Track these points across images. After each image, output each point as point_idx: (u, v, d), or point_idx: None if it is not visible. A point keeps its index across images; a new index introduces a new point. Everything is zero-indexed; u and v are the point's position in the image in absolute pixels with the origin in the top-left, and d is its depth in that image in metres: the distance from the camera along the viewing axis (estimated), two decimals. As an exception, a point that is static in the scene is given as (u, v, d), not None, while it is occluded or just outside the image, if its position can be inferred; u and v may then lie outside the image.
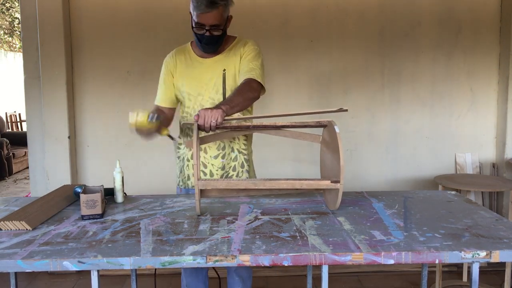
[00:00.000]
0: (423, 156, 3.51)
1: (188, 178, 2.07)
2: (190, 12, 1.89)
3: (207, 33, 1.87)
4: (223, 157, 2.02)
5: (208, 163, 2.01)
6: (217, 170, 2.01)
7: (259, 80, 1.89)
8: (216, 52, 1.98)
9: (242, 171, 2.06)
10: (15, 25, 14.18)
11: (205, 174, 2.01)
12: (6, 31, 14.52)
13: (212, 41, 1.91)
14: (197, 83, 1.98)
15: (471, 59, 3.44)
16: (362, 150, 3.48)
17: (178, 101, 2.10)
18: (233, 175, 2.04)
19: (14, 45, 14.55)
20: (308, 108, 3.40)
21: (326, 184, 1.58)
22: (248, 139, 2.10)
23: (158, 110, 2.03)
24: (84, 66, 3.34)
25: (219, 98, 1.95)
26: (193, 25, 1.89)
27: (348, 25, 3.38)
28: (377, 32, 3.40)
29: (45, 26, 3.18)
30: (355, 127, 3.44)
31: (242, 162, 2.06)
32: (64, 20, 3.21)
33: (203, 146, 1.98)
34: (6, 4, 13.95)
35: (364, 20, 3.38)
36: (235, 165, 2.04)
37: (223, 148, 2.01)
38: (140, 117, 1.75)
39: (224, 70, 1.96)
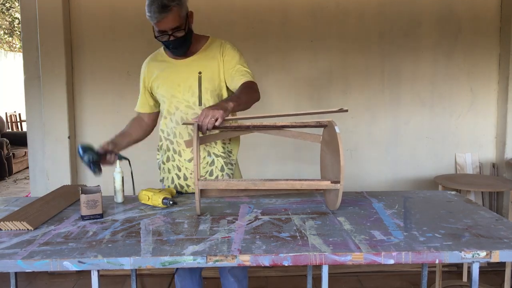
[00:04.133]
0: (423, 156, 3.51)
1: (162, 180, 2.08)
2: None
3: (171, 38, 1.82)
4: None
5: (183, 166, 1.97)
6: (191, 174, 1.97)
7: (255, 82, 1.88)
8: (188, 53, 1.93)
9: (222, 174, 1.98)
10: (15, 25, 14.18)
11: (179, 177, 1.98)
12: (6, 31, 14.52)
13: (180, 43, 1.85)
14: (171, 85, 1.94)
15: (471, 59, 3.44)
16: (362, 150, 3.48)
17: (156, 106, 2.10)
18: (210, 180, 1.98)
19: (14, 45, 14.56)
20: (308, 108, 3.40)
21: (326, 184, 1.58)
22: (232, 141, 2.03)
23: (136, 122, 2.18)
24: (84, 66, 3.34)
25: (194, 101, 1.92)
26: (155, 34, 1.84)
27: (348, 25, 3.38)
28: (377, 32, 3.40)
29: (45, 26, 3.18)
30: (355, 127, 3.44)
31: (222, 165, 1.97)
32: (64, 20, 3.21)
33: (177, 149, 1.97)
34: (6, 4, 13.95)
35: (364, 20, 3.38)
36: (212, 170, 1.97)
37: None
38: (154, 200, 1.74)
39: (200, 72, 1.92)
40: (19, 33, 13.26)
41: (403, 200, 1.81)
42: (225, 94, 1.95)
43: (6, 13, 14.29)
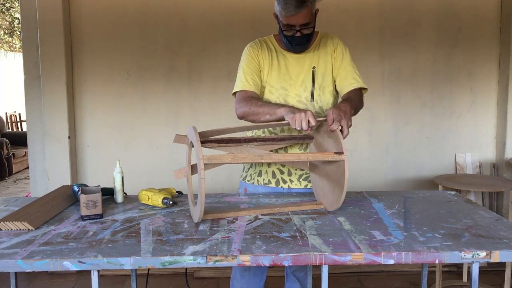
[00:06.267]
0: (423, 156, 3.51)
1: (259, 175, 1.97)
2: (275, 14, 1.83)
3: (298, 34, 1.80)
4: None
5: None
6: (296, 170, 1.93)
7: (364, 89, 1.91)
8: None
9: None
10: (15, 25, 14.19)
11: (282, 172, 1.94)
12: (6, 31, 14.53)
13: (303, 41, 1.83)
14: (282, 77, 1.90)
15: (471, 59, 3.44)
16: (362, 150, 3.48)
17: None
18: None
19: (14, 45, 14.56)
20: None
21: (331, 155, 1.58)
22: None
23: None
24: (84, 66, 3.34)
25: (306, 96, 1.89)
26: (282, 27, 1.81)
27: (348, 25, 3.38)
28: (377, 32, 3.40)
29: (45, 26, 3.18)
30: (355, 127, 3.42)
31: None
32: (64, 20, 3.21)
33: (283, 147, 1.90)
34: (6, 4, 13.96)
35: (364, 20, 3.39)
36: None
37: (305, 149, 1.92)
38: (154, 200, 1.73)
39: (314, 67, 1.90)
40: (19, 33, 13.27)
41: (403, 200, 1.81)
42: (333, 90, 1.94)
43: (6, 13, 14.30)
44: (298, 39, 1.82)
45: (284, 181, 1.94)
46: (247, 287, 2.00)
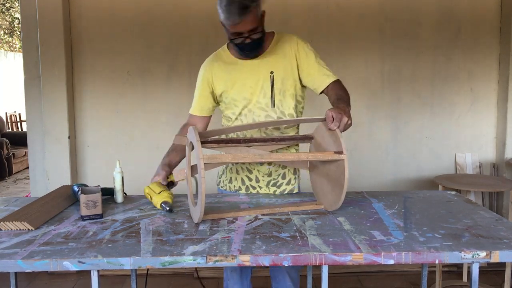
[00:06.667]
0: (423, 156, 3.51)
1: (230, 181, 1.98)
2: (221, 22, 1.74)
3: (248, 40, 1.74)
4: (269, 164, 1.89)
5: (254, 168, 1.91)
6: (263, 177, 1.92)
7: (338, 79, 1.88)
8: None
9: (295, 177, 1.96)
10: (15, 25, 14.19)
11: (250, 179, 1.93)
12: (6, 31, 14.53)
13: (255, 46, 1.78)
14: (242, 87, 1.86)
15: (471, 59, 3.44)
16: (362, 150, 3.47)
17: (213, 109, 1.99)
18: (282, 183, 1.93)
19: (14, 45, 14.57)
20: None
21: (331, 155, 1.57)
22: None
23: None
24: (84, 66, 3.34)
25: (266, 102, 1.85)
26: (230, 36, 1.75)
27: (348, 25, 3.38)
28: (377, 32, 3.40)
29: (45, 26, 3.19)
30: (355, 127, 3.41)
31: (294, 168, 1.94)
32: (64, 20, 3.21)
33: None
34: (6, 4, 13.96)
35: (364, 20, 3.38)
36: (284, 173, 1.93)
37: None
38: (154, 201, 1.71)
39: (272, 72, 1.85)
40: (19, 33, 13.27)
41: (403, 200, 1.81)
42: (299, 93, 1.90)
43: (6, 13, 14.30)
44: (249, 46, 1.78)
45: (254, 187, 1.94)
46: (237, 287, 2.03)
